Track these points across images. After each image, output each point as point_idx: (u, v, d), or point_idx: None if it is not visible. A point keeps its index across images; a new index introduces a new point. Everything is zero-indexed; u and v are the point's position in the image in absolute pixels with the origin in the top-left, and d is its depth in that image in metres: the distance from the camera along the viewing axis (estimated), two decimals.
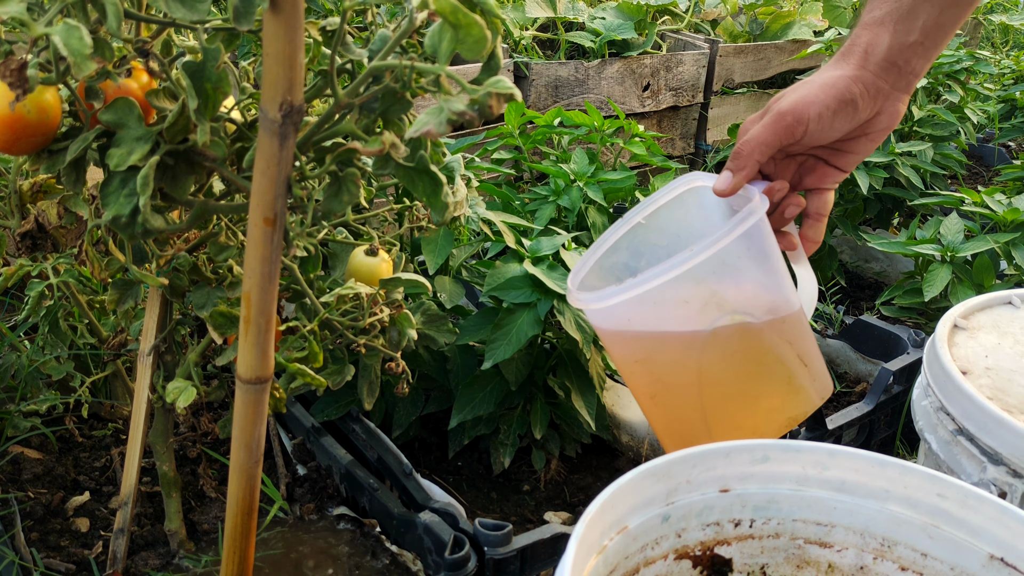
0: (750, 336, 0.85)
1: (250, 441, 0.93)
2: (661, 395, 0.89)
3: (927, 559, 0.91)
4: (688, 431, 0.91)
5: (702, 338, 0.84)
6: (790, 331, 0.86)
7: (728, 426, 0.91)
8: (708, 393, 0.88)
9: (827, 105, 0.82)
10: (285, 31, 0.70)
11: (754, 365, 0.86)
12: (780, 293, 0.85)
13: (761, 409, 0.90)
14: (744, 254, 0.81)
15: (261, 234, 0.80)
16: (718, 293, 0.81)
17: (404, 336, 1.15)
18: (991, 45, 4.68)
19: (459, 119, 0.69)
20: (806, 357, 0.88)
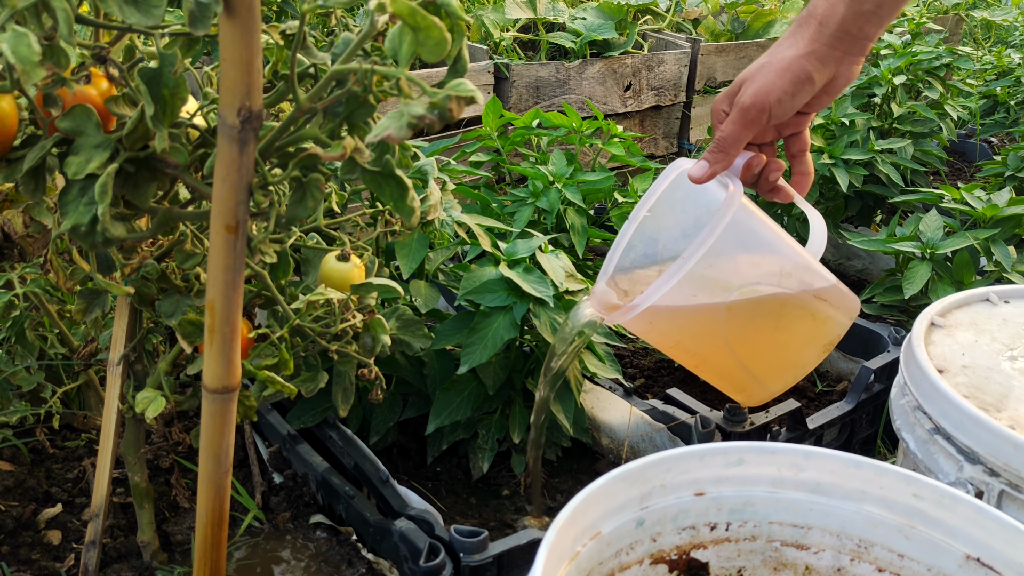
0: (762, 301, 0.92)
1: (218, 451, 0.91)
2: (703, 364, 0.98)
3: (904, 560, 0.90)
4: (739, 383, 0.98)
5: (720, 317, 0.91)
6: (799, 283, 0.92)
7: (772, 371, 0.98)
8: (742, 354, 0.95)
9: (785, 90, 0.89)
10: (241, 35, 0.69)
11: (773, 320, 0.94)
12: (780, 255, 0.91)
13: (795, 348, 0.97)
14: (732, 242, 0.87)
15: (223, 242, 0.79)
16: (720, 280, 0.89)
17: (378, 342, 1.14)
18: (973, 41, 4.70)
19: (419, 123, 0.68)
20: (823, 293, 0.94)
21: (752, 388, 0.99)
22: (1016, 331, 1.17)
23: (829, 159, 1.95)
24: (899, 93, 2.22)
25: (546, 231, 1.71)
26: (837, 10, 0.90)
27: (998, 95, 2.87)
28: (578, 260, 1.72)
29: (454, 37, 0.79)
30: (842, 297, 0.96)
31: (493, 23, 2.85)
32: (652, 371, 1.77)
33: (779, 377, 0.98)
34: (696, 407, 1.42)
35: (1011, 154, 2.26)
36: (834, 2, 0.90)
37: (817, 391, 1.72)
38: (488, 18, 2.84)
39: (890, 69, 2.21)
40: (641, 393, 1.70)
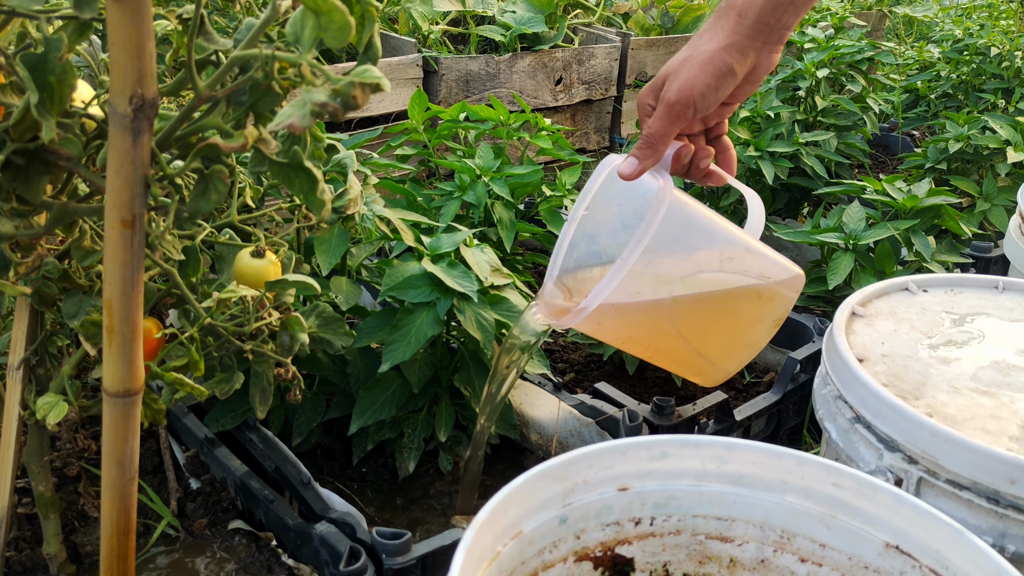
0: (708, 287, 0.93)
1: (122, 457, 0.87)
2: (657, 355, 0.99)
3: (825, 549, 0.90)
4: (695, 367, 1.00)
5: (667, 309, 0.92)
6: (741, 265, 0.93)
7: (725, 353, 0.99)
8: (694, 341, 0.97)
9: (709, 84, 0.90)
10: (131, 18, 0.65)
11: (720, 304, 0.95)
12: (718, 242, 0.93)
13: (744, 328, 0.98)
14: (669, 236, 0.88)
15: (119, 237, 0.75)
16: (662, 275, 0.90)
17: (296, 340, 1.11)
18: (896, 36, 4.81)
19: (322, 111, 0.65)
20: (766, 271, 0.95)
21: (709, 371, 1.00)
22: (934, 319, 1.19)
23: (755, 152, 1.96)
24: (823, 86, 2.25)
25: (473, 225, 1.69)
26: (755, 1, 0.91)
27: (919, 89, 2.94)
28: (506, 255, 1.70)
29: (365, 23, 0.76)
30: (786, 273, 0.97)
31: (422, 16, 2.81)
32: (582, 365, 1.76)
33: (733, 357, 1.00)
34: (624, 401, 1.42)
35: (931, 146, 2.31)
36: None
37: (745, 382, 1.74)
38: (417, 11, 2.80)
39: (814, 63, 2.24)
40: (571, 388, 1.69)
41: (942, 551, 0.81)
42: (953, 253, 1.81)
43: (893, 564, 0.85)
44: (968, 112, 2.48)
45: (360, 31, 0.76)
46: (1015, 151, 2.11)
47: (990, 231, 2.20)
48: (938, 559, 0.82)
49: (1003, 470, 0.89)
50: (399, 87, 2.52)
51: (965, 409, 1.00)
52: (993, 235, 2.17)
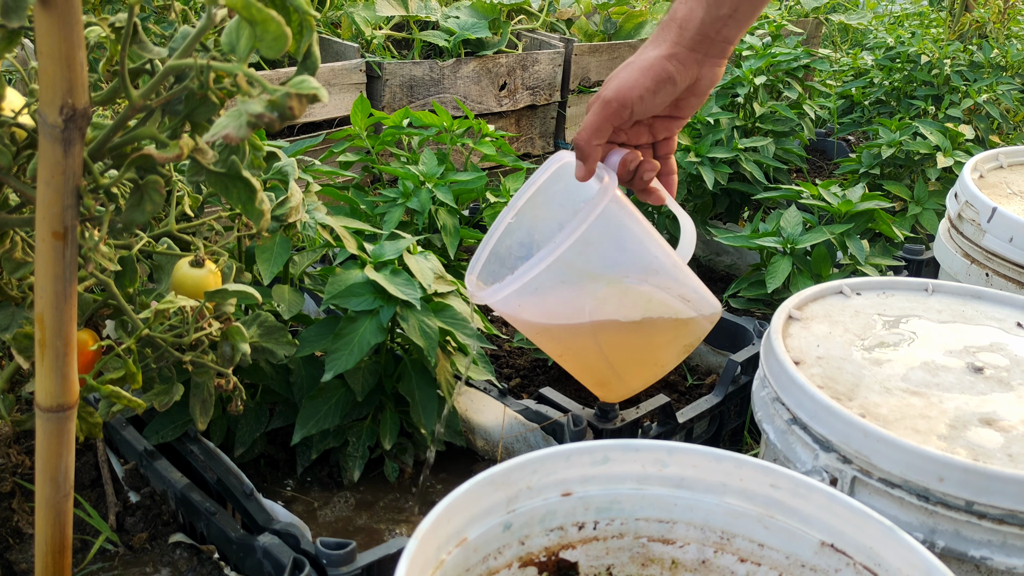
0: (629, 294, 0.95)
1: (56, 474, 0.85)
2: (567, 353, 1.00)
3: (764, 549, 0.92)
4: (601, 376, 1.01)
5: (587, 306, 0.93)
6: (665, 281, 0.95)
7: (633, 366, 1.00)
8: (605, 346, 0.97)
9: (647, 87, 0.92)
10: (60, 27, 0.64)
11: (639, 314, 0.96)
12: (649, 254, 0.94)
13: (656, 345, 1.00)
14: (603, 232, 0.90)
15: (51, 250, 0.73)
16: (590, 268, 0.91)
17: (237, 351, 1.09)
18: (832, 44, 4.92)
19: (258, 122, 0.65)
20: (687, 293, 0.97)
21: (613, 383, 1.01)
22: (867, 322, 1.22)
23: (695, 157, 1.99)
24: (760, 93, 2.29)
25: (417, 232, 1.69)
26: (696, 14, 0.92)
27: (854, 95, 3.01)
28: (450, 261, 1.70)
29: (303, 32, 0.76)
30: (705, 302, 0.99)
31: (365, 20, 2.80)
32: (527, 371, 1.77)
33: (639, 373, 1.01)
34: (569, 405, 1.43)
35: (865, 152, 2.37)
36: (692, 6, 0.93)
37: (688, 385, 1.76)
38: (359, 16, 2.79)
39: (751, 70, 2.28)
40: (516, 393, 1.69)
41: (875, 548, 0.84)
42: (886, 256, 1.86)
43: (829, 562, 0.88)
44: (900, 118, 2.55)
45: (298, 40, 0.75)
46: (944, 156, 2.18)
47: (922, 234, 2.27)
48: (871, 556, 0.84)
49: (932, 468, 0.92)
50: (342, 92, 2.50)
51: (896, 409, 1.03)
52: (925, 238, 2.24)
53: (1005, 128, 2.80)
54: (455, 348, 1.39)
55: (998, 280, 1.50)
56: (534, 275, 0.88)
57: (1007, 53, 2.87)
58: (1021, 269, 1.46)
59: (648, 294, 0.96)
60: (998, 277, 1.50)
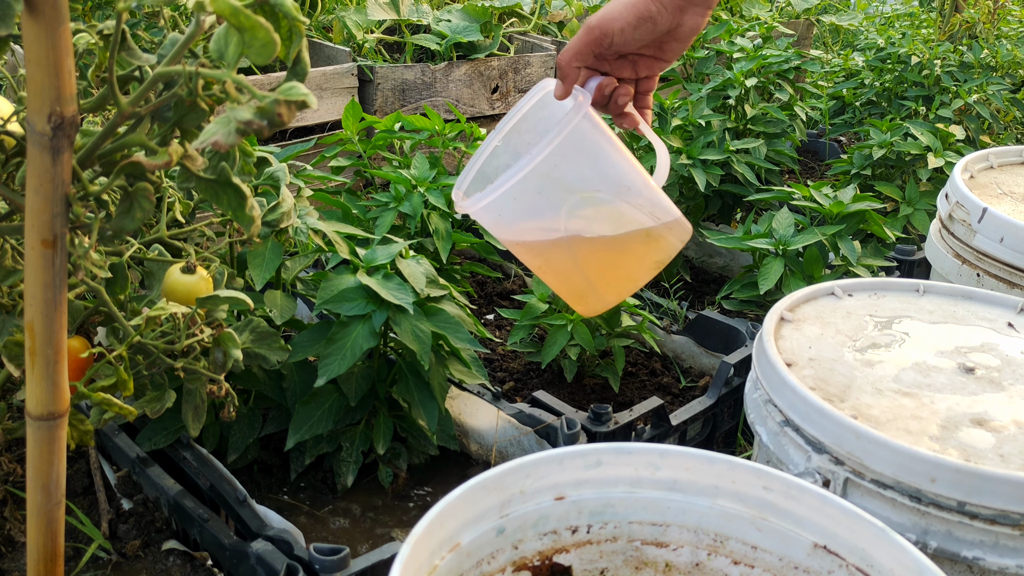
0: (603, 209, 1.00)
1: (47, 482, 0.85)
2: (545, 266, 1.04)
3: (757, 551, 0.92)
4: (578, 289, 1.05)
5: (562, 217, 0.98)
6: (637, 199, 0.99)
7: (607, 279, 1.04)
8: (580, 257, 1.02)
9: (628, 22, 0.96)
10: (47, 35, 0.64)
11: (611, 227, 1.01)
12: (621, 170, 0.99)
13: (629, 259, 1.04)
14: (576, 147, 0.95)
15: (40, 258, 0.73)
16: (564, 181, 0.95)
17: (229, 357, 1.09)
18: (823, 45, 4.94)
19: (247, 129, 0.65)
20: (658, 213, 1.01)
21: (589, 297, 1.05)
22: (858, 323, 1.22)
23: (687, 159, 2.00)
24: (752, 95, 2.30)
25: (410, 236, 1.69)
26: None
27: (845, 96, 3.02)
28: (443, 265, 1.70)
29: (292, 38, 0.76)
30: (675, 221, 1.04)
31: (356, 24, 2.80)
32: (521, 374, 1.77)
33: (613, 287, 1.05)
34: (562, 409, 1.43)
35: (856, 153, 2.38)
36: None
37: (681, 387, 1.76)
38: (351, 19, 2.79)
39: (743, 72, 2.29)
40: (510, 396, 1.69)
41: (867, 550, 0.84)
42: (878, 257, 1.86)
43: (821, 564, 0.88)
44: (891, 119, 2.56)
45: (287, 46, 0.75)
46: (935, 157, 2.19)
47: (913, 235, 2.27)
48: (864, 558, 0.84)
49: (924, 469, 0.92)
50: (334, 96, 2.50)
51: (888, 410, 1.03)
52: (916, 238, 2.24)
53: (996, 128, 2.81)
54: (448, 352, 1.39)
55: (989, 280, 1.50)
56: (511, 185, 0.93)
57: (997, 53, 2.89)
58: (1012, 269, 1.47)
59: (621, 210, 1.01)
60: (989, 277, 1.50)
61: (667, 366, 1.84)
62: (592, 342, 1.63)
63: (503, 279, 2.14)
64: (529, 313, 1.69)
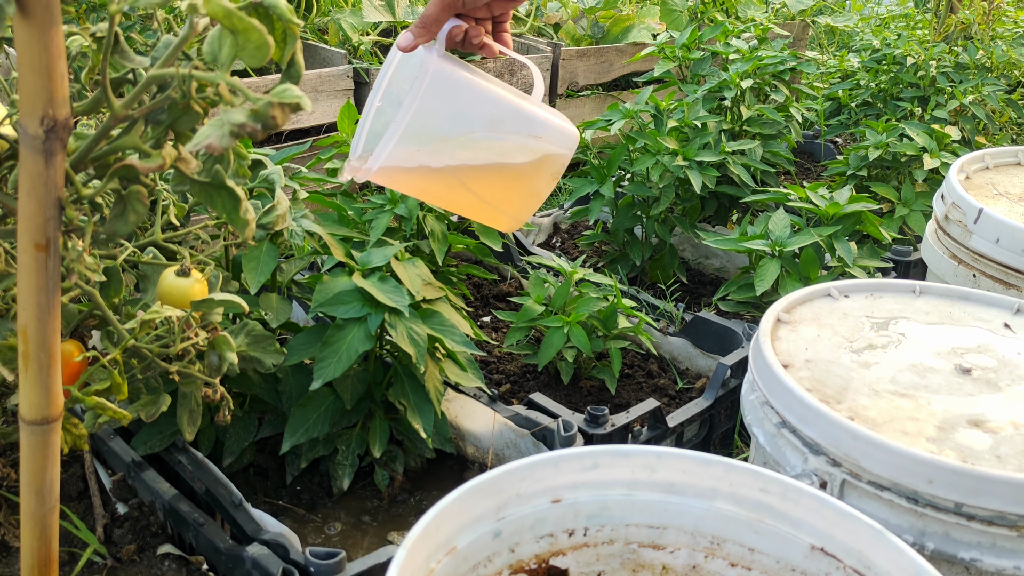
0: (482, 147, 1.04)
1: (41, 486, 0.84)
2: (451, 205, 1.09)
3: (754, 554, 0.92)
4: (489, 215, 1.10)
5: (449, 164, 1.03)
6: (512, 126, 1.04)
7: (511, 202, 1.09)
8: (480, 192, 1.07)
9: None
10: (39, 38, 0.64)
11: (496, 159, 1.05)
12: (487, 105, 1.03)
13: (525, 181, 1.08)
14: (438, 99, 0.99)
15: (33, 261, 0.73)
16: (438, 134, 1.00)
17: (224, 360, 1.09)
18: (819, 46, 4.94)
19: (241, 131, 0.65)
20: (537, 130, 1.06)
21: (501, 218, 1.10)
22: (855, 324, 1.22)
23: (683, 161, 2.00)
24: (747, 96, 2.30)
25: (405, 238, 1.69)
26: None
27: (840, 98, 3.02)
28: (438, 267, 1.69)
29: (287, 40, 0.76)
30: (558, 133, 1.07)
31: (352, 26, 2.79)
32: (518, 376, 1.76)
33: (520, 206, 1.09)
34: (559, 411, 1.43)
35: (852, 154, 2.38)
36: None
37: (678, 389, 1.76)
38: (346, 22, 2.79)
39: (738, 73, 2.29)
40: (506, 399, 1.69)
41: (864, 551, 0.84)
42: (874, 258, 1.86)
43: (819, 566, 0.87)
44: (887, 120, 2.56)
45: (281, 48, 0.75)
46: (931, 158, 2.19)
47: (910, 235, 2.28)
48: (861, 559, 0.84)
49: (921, 470, 0.92)
50: (329, 99, 2.50)
51: (885, 411, 1.03)
52: (913, 239, 2.25)
53: (991, 129, 2.82)
54: (444, 355, 1.39)
55: (985, 281, 1.50)
56: (389, 152, 0.97)
57: (992, 54, 2.89)
58: (1008, 270, 1.47)
59: (501, 141, 1.05)
60: (985, 278, 1.50)
61: (664, 368, 1.83)
62: (588, 344, 1.63)
63: (499, 281, 2.14)
64: (525, 315, 1.69)
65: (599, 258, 2.27)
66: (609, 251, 2.24)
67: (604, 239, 2.21)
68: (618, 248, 2.21)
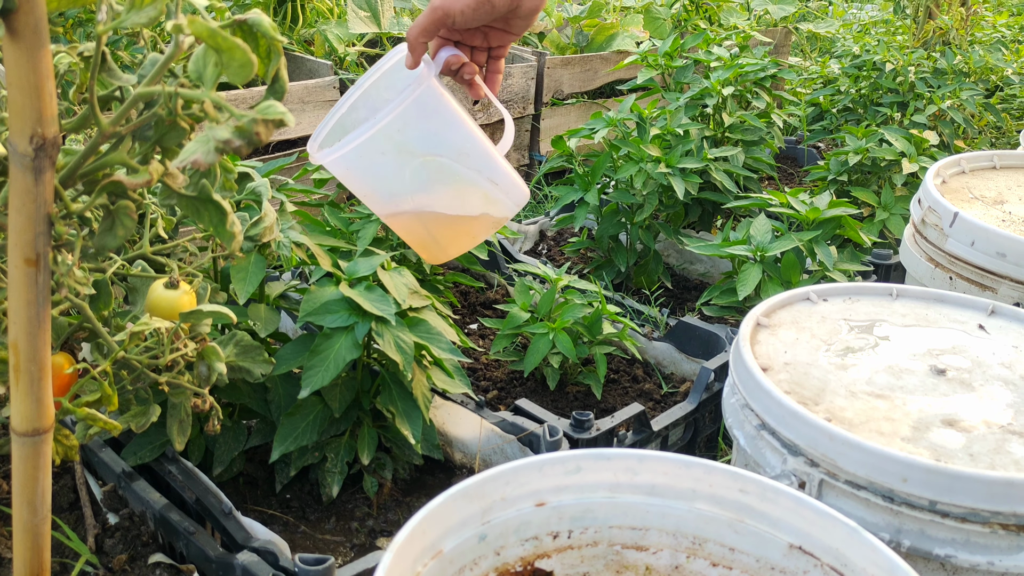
0: (443, 171, 1.06)
1: (33, 497, 0.86)
2: (392, 217, 1.10)
3: (735, 553, 0.94)
4: (421, 241, 1.11)
5: (405, 176, 1.05)
6: (476, 163, 1.07)
7: (448, 235, 1.11)
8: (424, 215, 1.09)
9: (468, 4, 1.03)
10: (28, 58, 0.65)
11: (451, 189, 1.08)
12: (461, 137, 1.06)
13: (468, 220, 1.11)
14: (420, 114, 1.02)
15: (23, 276, 0.74)
16: (407, 144, 1.03)
17: (213, 371, 1.10)
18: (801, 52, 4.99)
19: (226, 148, 0.66)
20: (496, 177, 1.09)
21: (432, 248, 1.12)
22: (833, 327, 1.24)
23: (666, 168, 2.02)
24: (729, 103, 2.33)
25: (392, 247, 1.70)
26: None
27: (822, 103, 3.06)
28: (425, 276, 1.71)
29: (271, 57, 0.78)
30: (512, 186, 1.10)
31: (337, 38, 2.81)
32: (504, 383, 1.78)
33: (454, 241, 1.12)
34: (545, 416, 1.45)
35: (833, 159, 2.41)
36: None
37: (663, 393, 1.78)
38: (332, 33, 2.81)
39: (719, 81, 2.32)
40: (494, 405, 1.71)
41: (841, 549, 0.86)
42: (854, 261, 1.89)
43: (797, 564, 0.90)
44: (867, 125, 2.60)
45: (266, 64, 0.77)
46: (910, 162, 2.22)
47: (890, 239, 2.31)
48: (838, 557, 0.86)
49: (896, 469, 0.94)
50: (316, 110, 2.51)
51: (861, 412, 1.05)
52: (893, 243, 2.28)
53: (970, 133, 2.85)
54: (431, 362, 1.41)
55: (961, 283, 1.53)
56: (357, 144, 0.99)
57: (970, 59, 2.93)
58: (983, 272, 1.50)
59: (460, 173, 1.07)
60: (961, 280, 1.53)
61: (649, 372, 1.85)
62: (574, 350, 1.65)
63: (486, 288, 2.16)
64: (511, 322, 1.71)
65: (585, 265, 2.30)
66: (595, 257, 2.26)
67: (589, 246, 2.24)
68: (603, 254, 2.23)
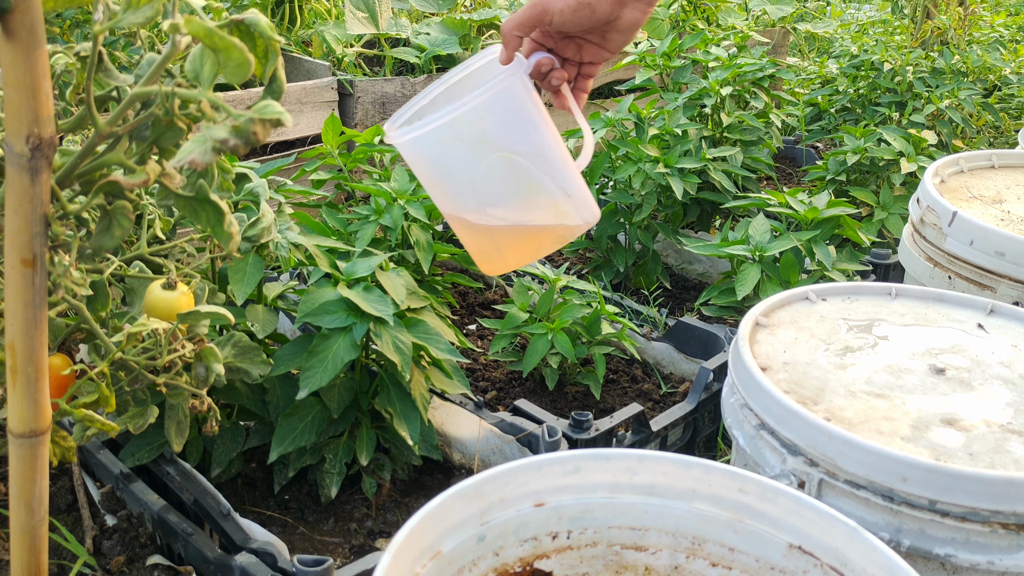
0: (517, 170, 1.03)
1: (30, 499, 0.85)
2: (454, 216, 1.07)
3: (734, 553, 0.94)
4: (482, 247, 1.09)
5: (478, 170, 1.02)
6: (552, 169, 1.04)
7: (510, 242, 1.08)
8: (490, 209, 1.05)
9: (568, 4, 1.01)
10: (24, 59, 0.65)
11: (522, 191, 1.05)
12: (542, 140, 1.03)
13: (534, 227, 1.08)
14: (504, 106, 1.00)
15: (20, 277, 0.74)
16: (486, 135, 1.00)
17: (211, 372, 1.10)
18: (799, 52, 4.99)
19: (223, 147, 0.66)
20: (570, 188, 1.06)
21: (494, 257, 1.09)
22: (832, 327, 1.24)
23: (665, 168, 2.02)
24: (727, 104, 2.33)
25: (391, 248, 1.70)
26: None
27: (820, 103, 3.06)
28: (424, 276, 1.71)
29: (268, 56, 0.77)
30: (584, 203, 1.07)
31: (335, 39, 2.81)
32: (503, 383, 1.78)
33: (515, 251, 1.09)
34: (543, 417, 1.44)
35: (831, 159, 2.41)
36: None
37: (662, 393, 1.78)
38: (330, 34, 2.80)
39: (718, 81, 2.32)
40: (492, 406, 1.71)
41: (840, 549, 0.86)
42: (853, 261, 1.89)
43: (797, 564, 0.89)
44: (865, 125, 2.60)
45: (263, 65, 0.77)
46: (908, 162, 2.22)
47: (889, 238, 2.31)
48: (837, 557, 0.86)
49: (896, 468, 0.94)
50: (314, 110, 2.51)
51: (861, 412, 1.05)
52: (892, 242, 2.28)
53: (968, 132, 2.85)
54: (430, 362, 1.41)
55: (960, 282, 1.53)
56: (436, 126, 0.97)
57: (968, 59, 2.93)
58: (982, 271, 1.50)
59: (534, 177, 1.04)
60: (960, 279, 1.53)
61: (648, 372, 1.85)
62: (573, 350, 1.65)
63: (484, 289, 2.15)
64: (510, 323, 1.70)
65: (583, 265, 2.30)
66: (593, 258, 2.26)
67: (588, 246, 2.24)
68: (602, 255, 2.23)
